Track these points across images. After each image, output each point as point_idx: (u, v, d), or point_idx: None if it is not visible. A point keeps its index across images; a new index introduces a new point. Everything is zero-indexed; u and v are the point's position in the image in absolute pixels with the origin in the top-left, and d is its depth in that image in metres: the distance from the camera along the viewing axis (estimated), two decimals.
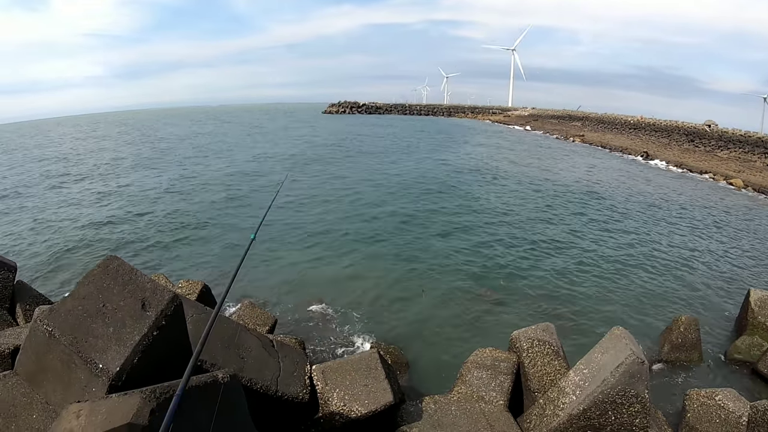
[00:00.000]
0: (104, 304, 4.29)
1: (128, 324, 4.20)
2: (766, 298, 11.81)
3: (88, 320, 4.17)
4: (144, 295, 4.43)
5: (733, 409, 6.94)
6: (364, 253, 16.89)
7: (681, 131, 61.68)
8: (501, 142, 67.86)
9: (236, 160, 40.68)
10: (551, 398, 6.53)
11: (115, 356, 3.98)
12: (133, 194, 26.66)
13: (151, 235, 18.77)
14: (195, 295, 10.50)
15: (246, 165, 38.13)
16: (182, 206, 23.49)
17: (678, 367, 10.43)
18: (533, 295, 14.08)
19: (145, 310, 4.33)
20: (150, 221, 20.79)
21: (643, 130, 70.04)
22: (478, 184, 32.27)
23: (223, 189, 27.99)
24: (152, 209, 22.86)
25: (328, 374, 6.53)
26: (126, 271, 4.56)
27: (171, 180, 31.08)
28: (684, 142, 57.50)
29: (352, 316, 12.09)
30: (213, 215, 21.85)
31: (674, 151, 54.38)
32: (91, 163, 40.84)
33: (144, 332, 4.18)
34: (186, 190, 28.08)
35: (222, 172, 34.62)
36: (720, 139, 53.40)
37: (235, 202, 24.80)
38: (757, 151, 46.61)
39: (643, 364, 6.01)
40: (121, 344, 4.06)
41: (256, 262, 15.47)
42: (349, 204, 24.85)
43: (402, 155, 46.54)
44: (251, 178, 32.10)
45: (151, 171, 34.72)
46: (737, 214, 27.70)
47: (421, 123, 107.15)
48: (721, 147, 51.43)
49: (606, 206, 26.97)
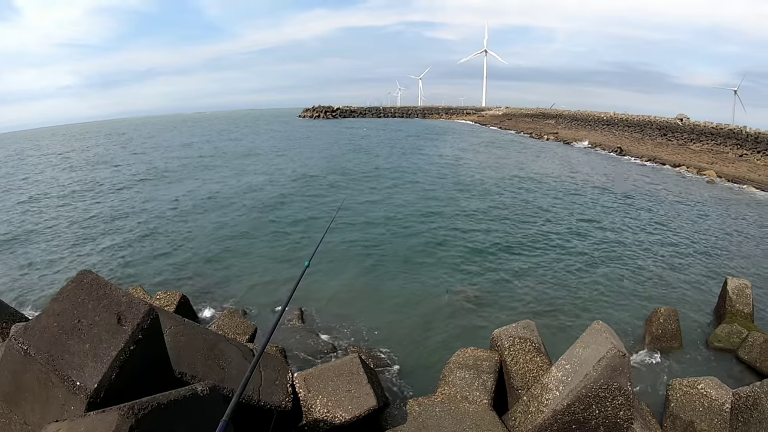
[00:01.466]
0: (79, 320, 4.20)
1: (104, 339, 4.12)
2: (743, 286, 12.00)
3: (64, 337, 4.09)
4: (119, 309, 4.34)
5: (716, 397, 6.99)
6: (341, 258, 16.80)
7: (654, 126, 62.55)
8: (475, 142, 68.15)
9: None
10: (535, 395, 6.52)
11: (92, 373, 3.90)
12: (105, 209, 26.16)
13: (127, 248, 18.46)
14: (173, 306, 10.40)
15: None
16: (155, 218, 23.13)
17: (659, 358, 10.51)
18: (513, 293, 14.12)
19: (121, 325, 4.24)
20: (125, 234, 20.44)
21: (616, 125, 70.89)
22: (452, 185, 32.29)
23: (197, 198, 27.63)
24: (125, 223, 22.46)
25: (311, 381, 6.47)
26: (100, 285, 4.47)
27: (140, 193, 30.62)
28: (657, 137, 58.35)
29: (331, 322, 12.02)
30: (187, 225, 21.52)
31: (648, 146, 55.12)
32: (51, 177, 39.95)
33: (121, 347, 4.10)
34: (159, 201, 27.67)
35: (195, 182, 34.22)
36: (692, 132, 54.29)
37: (212, 212, 24.44)
38: (729, 143, 47.51)
39: (624, 356, 6.03)
40: (98, 360, 3.98)
41: (234, 272, 15.34)
42: (325, 209, 24.69)
43: (377, 159, 46.42)
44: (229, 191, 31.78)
45: (126, 190, 34.11)
46: (711, 205, 28.11)
47: (396, 125, 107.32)
48: (694, 140, 52.31)
49: (580, 202, 27.20)
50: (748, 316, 11.63)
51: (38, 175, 42.07)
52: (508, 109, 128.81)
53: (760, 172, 38.11)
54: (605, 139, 63.25)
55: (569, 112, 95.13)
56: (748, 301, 11.81)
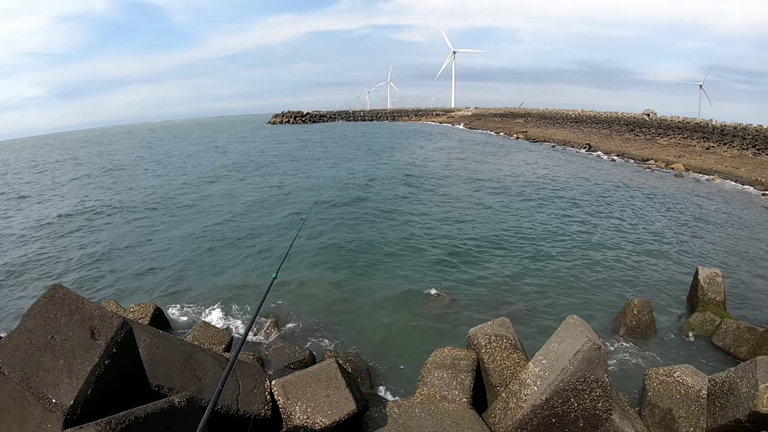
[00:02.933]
0: (52, 336, 4.16)
1: (79, 355, 4.08)
2: (714, 275, 12.24)
3: (38, 354, 4.05)
4: (92, 323, 4.30)
5: (692, 384, 7.08)
6: (314, 263, 16.71)
7: (621, 122, 63.56)
8: (445, 142, 68.40)
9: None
10: (513, 391, 6.54)
11: (68, 389, 3.86)
12: (68, 220, 25.53)
13: (98, 261, 18.06)
14: (148, 318, 10.32)
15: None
16: (126, 230, 22.66)
17: (635, 349, 10.62)
18: (487, 291, 14.18)
19: (95, 339, 4.21)
20: (96, 247, 19.98)
21: (584, 123, 71.75)
22: (422, 187, 32.33)
23: (168, 209, 27.14)
24: (96, 235, 21.94)
25: (289, 388, 6.42)
26: (72, 299, 4.43)
27: (103, 203, 29.97)
28: (625, 132, 59.36)
29: (307, 328, 11.95)
30: (158, 237, 21.13)
31: (616, 141, 55.92)
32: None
33: (95, 362, 4.07)
34: (123, 210, 27.13)
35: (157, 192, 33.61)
36: (659, 126, 55.38)
37: (184, 222, 24.02)
38: (696, 136, 48.58)
39: (599, 349, 6.08)
40: (72, 376, 3.94)
41: (208, 282, 15.15)
42: (293, 214, 24.54)
43: (347, 161, 46.23)
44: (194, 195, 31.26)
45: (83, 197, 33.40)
46: (680, 197, 28.62)
47: (365, 128, 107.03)
48: (661, 134, 53.36)
49: (551, 199, 27.50)
50: (720, 304, 11.85)
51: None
52: (477, 109, 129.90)
53: (726, 163, 38.91)
54: (574, 136, 63.95)
55: (538, 110, 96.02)
56: (719, 289, 12.04)
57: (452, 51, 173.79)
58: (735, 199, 28.79)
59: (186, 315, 12.65)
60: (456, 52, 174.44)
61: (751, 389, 6.25)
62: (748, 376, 6.44)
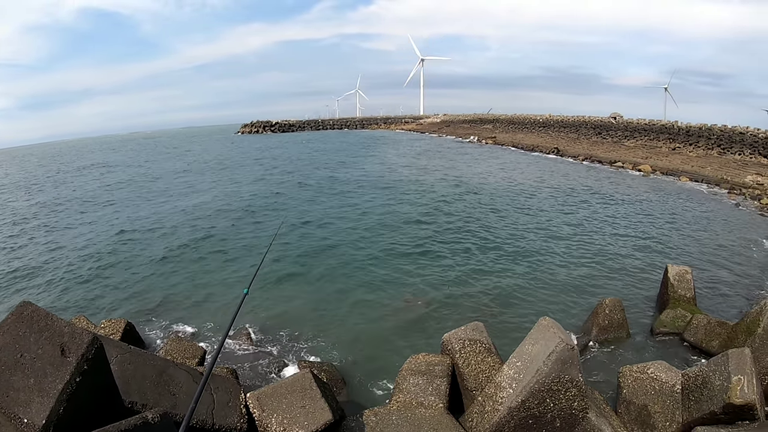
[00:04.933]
0: (22, 354, 4.10)
1: (49, 373, 4.04)
2: (684, 272, 12.46)
3: (7, 373, 3.98)
4: (62, 340, 4.26)
5: (666, 380, 7.18)
6: (285, 274, 16.55)
7: (589, 125, 64.38)
8: (414, 149, 68.39)
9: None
10: (489, 394, 6.56)
11: (39, 408, 3.81)
12: (41, 237, 24.82)
13: (68, 277, 17.60)
14: (119, 334, 10.16)
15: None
16: (95, 245, 22.11)
17: (608, 348, 10.74)
18: (459, 295, 14.21)
19: (65, 356, 4.17)
20: (65, 262, 19.49)
21: (552, 127, 72.52)
22: (392, 194, 32.26)
23: (138, 224, 26.56)
24: (64, 251, 21.36)
25: (264, 400, 6.36)
26: (41, 316, 4.38)
27: (79, 219, 29.29)
28: (592, 136, 60.15)
29: (280, 339, 11.85)
30: (128, 252, 20.63)
31: (584, 145, 56.66)
32: None
33: (66, 380, 4.03)
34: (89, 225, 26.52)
35: None
36: (626, 129, 56.36)
37: (154, 237, 23.48)
38: (662, 138, 49.58)
39: (573, 349, 6.14)
40: (44, 395, 3.89)
41: (180, 296, 14.91)
42: (264, 227, 24.29)
43: (315, 170, 45.85)
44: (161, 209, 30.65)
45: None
46: (648, 197, 29.11)
47: (334, 137, 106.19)
48: (628, 136, 54.32)
49: (520, 204, 27.67)
50: (690, 300, 12.04)
51: None
52: (446, 116, 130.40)
53: (693, 163, 39.72)
54: (542, 141, 64.55)
55: (506, 116, 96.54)
56: (689, 286, 12.24)
57: (420, 58, 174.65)
58: (701, 198, 29.37)
59: (158, 330, 12.43)
60: (424, 60, 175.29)
61: (724, 382, 6.37)
62: (720, 370, 6.57)
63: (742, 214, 24.95)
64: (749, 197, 28.96)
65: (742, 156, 39.29)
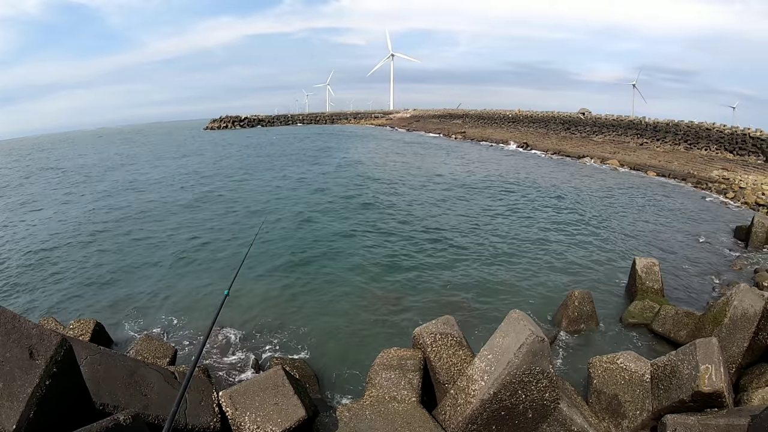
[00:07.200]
0: None
1: (18, 376, 3.98)
2: (652, 264, 12.72)
3: None
4: (30, 342, 4.19)
5: (636, 369, 7.32)
6: (254, 271, 16.44)
7: (557, 121, 65.26)
8: (384, 144, 68.26)
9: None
10: (461, 387, 6.60)
11: (9, 414, 3.77)
12: (5, 235, 24.13)
13: (34, 277, 17.13)
14: (88, 334, 10.07)
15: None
16: (60, 242, 21.54)
17: (578, 339, 10.90)
18: (429, 291, 14.26)
19: (34, 359, 4.11)
20: (30, 261, 18.94)
21: (521, 122, 73.21)
22: (363, 188, 32.18)
23: (104, 221, 25.96)
24: (29, 251, 20.71)
25: (237, 398, 6.31)
26: (8, 318, 4.31)
27: (41, 218, 28.53)
28: (561, 131, 60.94)
29: (251, 336, 11.77)
30: (96, 249, 20.13)
31: (552, 140, 57.33)
32: None
33: (36, 383, 3.98)
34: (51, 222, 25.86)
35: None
36: (594, 125, 57.25)
37: (122, 234, 22.96)
38: (630, 133, 50.50)
39: (543, 341, 6.21)
40: (13, 399, 3.84)
41: (148, 294, 14.69)
42: (231, 218, 24.13)
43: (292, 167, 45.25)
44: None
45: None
46: (616, 191, 29.59)
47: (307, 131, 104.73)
48: (596, 132, 55.17)
49: (490, 198, 27.90)
50: (658, 292, 12.29)
51: None
52: (415, 111, 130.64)
53: (660, 158, 40.45)
54: (511, 136, 65.10)
55: (476, 111, 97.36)
56: (657, 278, 12.49)
57: (390, 53, 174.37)
58: (669, 192, 29.94)
59: (128, 329, 12.24)
60: (394, 55, 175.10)
61: (693, 370, 6.54)
62: (688, 359, 6.73)
63: (708, 208, 25.53)
64: (715, 191, 29.64)
65: (708, 151, 40.24)
